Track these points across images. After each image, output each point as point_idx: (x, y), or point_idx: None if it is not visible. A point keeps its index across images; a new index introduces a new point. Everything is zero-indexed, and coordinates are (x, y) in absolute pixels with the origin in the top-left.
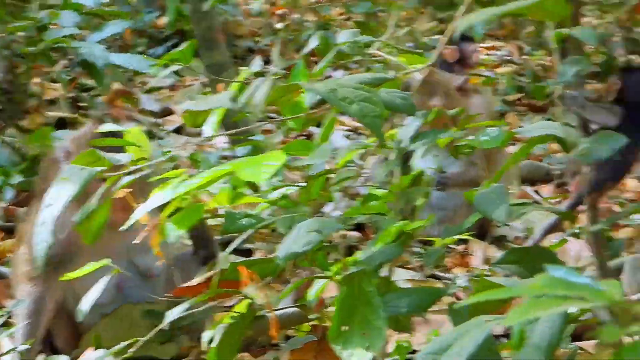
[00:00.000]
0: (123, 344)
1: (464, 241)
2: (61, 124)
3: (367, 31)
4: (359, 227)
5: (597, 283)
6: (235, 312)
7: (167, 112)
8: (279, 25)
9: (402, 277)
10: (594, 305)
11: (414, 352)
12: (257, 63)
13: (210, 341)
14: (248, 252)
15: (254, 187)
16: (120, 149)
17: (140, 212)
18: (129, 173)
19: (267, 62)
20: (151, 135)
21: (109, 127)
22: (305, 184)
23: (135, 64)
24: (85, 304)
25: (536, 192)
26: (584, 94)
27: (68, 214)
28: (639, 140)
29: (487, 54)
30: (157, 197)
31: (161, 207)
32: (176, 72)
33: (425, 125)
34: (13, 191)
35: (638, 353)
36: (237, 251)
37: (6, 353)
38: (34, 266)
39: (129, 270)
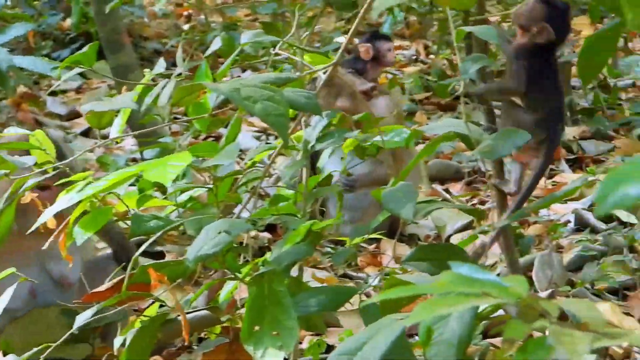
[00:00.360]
0: (35, 349)
1: (377, 240)
2: None
3: (274, 32)
4: (270, 228)
5: (502, 279)
6: (145, 315)
7: (74, 115)
8: (185, 27)
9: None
10: (499, 301)
11: (327, 351)
12: (161, 64)
13: (123, 344)
14: (160, 255)
15: (163, 190)
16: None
17: (47, 216)
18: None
19: (174, 63)
20: None
21: (14, 130)
22: (212, 186)
23: (40, 67)
24: None
25: (446, 190)
26: (488, 86)
27: None
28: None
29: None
30: (64, 200)
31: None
32: (83, 75)
33: (332, 126)
34: None
35: (543, 347)
36: (149, 254)
37: None
38: None
39: (42, 277)
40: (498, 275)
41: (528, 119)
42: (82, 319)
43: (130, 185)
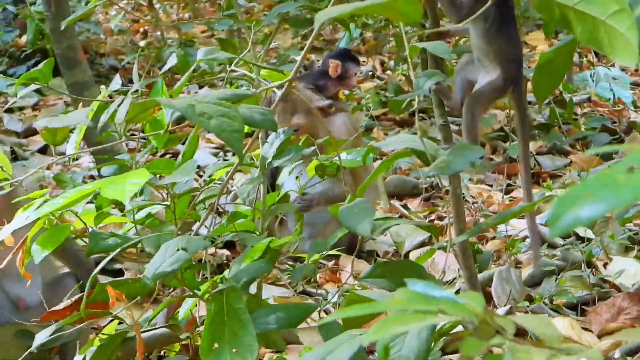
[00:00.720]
0: None
1: (336, 257)
2: None
3: (231, 48)
4: (229, 245)
5: (457, 296)
6: (104, 333)
7: (30, 132)
8: (142, 43)
9: (273, 294)
10: (455, 318)
11: None
12: (116, 81)
13: None
14: (120, 273)
15: (121, 207)
16: None
17: (4, 234)
18: None
19: (131, 80)
20: (15, 155)
21: None
22: (170, 203)
23: None
24: None
25: (404, 206)
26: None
27: None
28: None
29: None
30: (21, 218)
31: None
32: (40, 92)
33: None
34: None
35: None
36: (108, 272)
37: None
38: None
39: (1, 295)
40: (457, 291)
41: (496, 77)
42: (40, 337)
43: (88, 202)
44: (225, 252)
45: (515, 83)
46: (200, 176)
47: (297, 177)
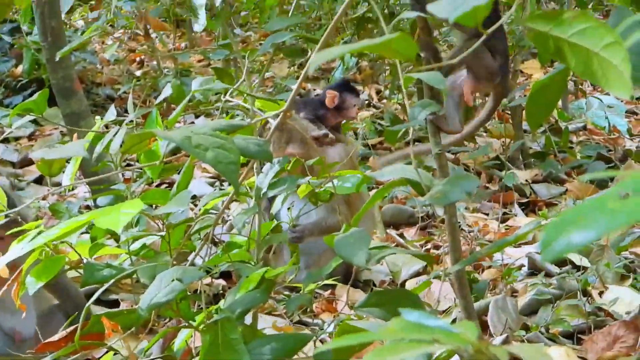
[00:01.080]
0: None
1: (332, 286)
2: None
3: (227, 77)
4: (225, 275)
5: (453, 325)
6: None
7: (26, 163)
8: (138, 73)
9: (269, 325)
10: (450, 347)
11: None
12: (111, 112)
13: None
14: (115, 303)
15: (116, 238)
16: None
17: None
18: None
19: (127, 110)
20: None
21: None
22: (165, 233)
23: None
24: None
25: (400, 235)
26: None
27: None
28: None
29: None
30: (16, 249)
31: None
32: (35, 122)
33: (283, 172)
34: None
35: None
36: (104, 303)
37: None
38: None
39: None
40: (454, 320)
41: (494, 63)
42: None
43: (83, 233)
44: (221, 282)
45: (504, 73)
46: (196, 205)
47: (288, 209)
